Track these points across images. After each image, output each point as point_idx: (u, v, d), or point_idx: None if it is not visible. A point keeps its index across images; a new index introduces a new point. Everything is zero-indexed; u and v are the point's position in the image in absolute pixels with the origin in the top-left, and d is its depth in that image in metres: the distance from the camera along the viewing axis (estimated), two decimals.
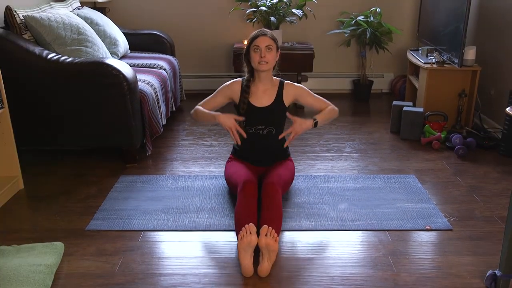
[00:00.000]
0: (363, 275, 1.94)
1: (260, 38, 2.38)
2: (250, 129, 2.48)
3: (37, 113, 2.85)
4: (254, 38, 2.40)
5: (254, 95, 2.47)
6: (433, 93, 3.56)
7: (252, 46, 2.39)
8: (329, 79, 4.66)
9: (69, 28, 3.09)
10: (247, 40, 2.45)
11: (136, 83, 2.90)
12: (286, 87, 2.51)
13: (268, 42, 2.38)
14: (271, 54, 2.39)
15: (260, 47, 2.36)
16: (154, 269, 1.98)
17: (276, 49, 2.42)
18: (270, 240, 1.93)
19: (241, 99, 2.46)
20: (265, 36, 2.38)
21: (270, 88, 2.49)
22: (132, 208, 2.46)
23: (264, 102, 2.47)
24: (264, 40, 2.37)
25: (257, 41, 2.37)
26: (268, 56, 2.37)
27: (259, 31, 2.42)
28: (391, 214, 2.39)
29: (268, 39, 2.38)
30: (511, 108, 1.63)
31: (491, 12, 3.62)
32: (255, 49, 2.38)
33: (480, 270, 1.97)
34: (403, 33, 4.49)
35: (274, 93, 2.49)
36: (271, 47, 2.38)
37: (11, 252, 2.03)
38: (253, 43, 2.39)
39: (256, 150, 2.52)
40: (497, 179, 2.80)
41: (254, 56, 2.39)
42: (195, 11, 4.47)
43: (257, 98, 2.47)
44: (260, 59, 2.36)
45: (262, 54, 2.36)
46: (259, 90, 2.48)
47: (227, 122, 2.39)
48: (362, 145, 3.34)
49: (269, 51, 2.38)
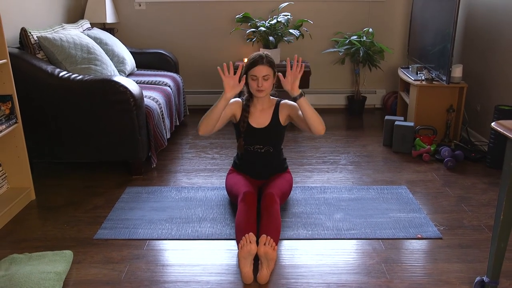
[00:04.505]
0: (358, 282, 1.93)
1: (258, 68, 2.32)
2: (249, 148, 2.48)
3: (48, 127, 2.86)
4: (251, 65, 2.33)
5: (252, 115, 2.46)
6: (423, 109, 3.58)
7: (250, 75, 2.35)
8: (325, 95, 4.69)
9: (79, 48, 3.11)
10: (246, 64, 2.39)
11: (142, 99, 2.91)
12: (281, 106, 2.47)
13: (265, 72, 2.33)
14: (268, 83, 2.36)
15: (258, 76, 2.33)
16: (159, 277, 1.97)
17: (273, 75, 2.38)
18: (268, 249, 1.92)
19: (242, 118, 2.45)
20: (263, 65, 2.32)
21: (267, 108, 2.47)
22: (138, 218, 2.46)
23: (261, 123, 2.45)
24: (261, 71, 2.32)
25: (255, 70, 2.32)
26: (265, 84, 2.34)
27: (257, 57, 2.35)
28: (384, 224, 2.39)
29: (265, 68, 2.33)
30: (496, 123, 1.64)
31: (476, 32, 3.66)
32: (253, 77, 2.34)
33: (469, 276, 1.96)
34: (394, 52, 4.53)
35: (270, 113, 2.46)
36: (268, 76, 2.34)
37: (23, 259, 2.03)
38: (251, 72, 2.34)
39: (256, 166, 2.52)
40: (484, 189, 2.81)
41: (251, 83, 2.36)
42: (198, 31, 4.51)
43: (255, 119, 2.46)
44: (258, 87, 2.34)
45: (259, 83, 2.32)
46: (257, 110, 2.46)
47: (231, 84, 2.29)
48: (356, 157, 3.34)
49: (266, 80, 2.34)
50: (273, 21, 4.11)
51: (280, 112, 2.46)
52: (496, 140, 3.06)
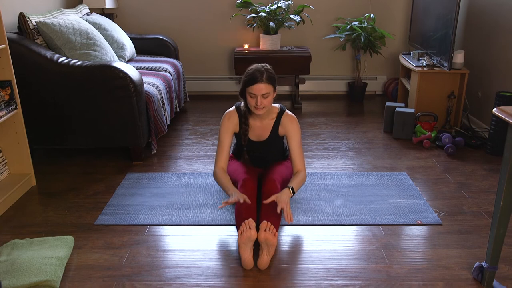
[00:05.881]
0: (358, 267, 1.94)
1: (256, 87, 2.15)
2: (248, 153, 2.44)
3: (48, 113, 2.85)
4: (250, 83, 2.16)
5: (252, 128, 2.35)
6: (424, 95, 3.56)
7: (248, 92, 2.19)
8: (325, 81, 4.66)
9: (78, 33, 3.08)
10: (243, 78, 2.20)
11: (142, 85, 2.90)
12: (282, 120, 2.33)
13: (264, 91, 2.16)
14: (268, 100, 2.20)
15: (256, 95, 2.17)
16: (159, 262, 1.98)
17: (273, 91, 2.22)
18: (269, 235, 1.93)
19: (242, 131, 2.35)
20: (262, 83, 2.15)
21: (267, 119, 2.34)
22: (138, 203, 2.47)
23: (260, 136, 2.37)
24: (261, 89, 2.15)
25: (253, 89, 2.15)
26: (264, 102, 2.19)
27: (256, 73, 2.15)
28: (384, 210, 2.39)
29: (265, 87, 2.15)
30: (497, 109, 1.63)
31: (478, 18, 3.62)
32: (251, 95, 2.19)
33: (468, 262, 1.97)
34: (395, 37, 4.49)
35: (270, 126, 2.34)
36: (268, 94, 2.18)
37: (25, 245, 2.04)
38: (249, 90, 2.17)
39: (256, 159, 2.49)
40: (484, 176, 2.81)
41: (250, 100, 2.20)
42: (198, 17, 4.47)
43: (254, 131, 2.36)
44: (256, 106, 2.19)
45: (258, 102, 2.17)
46: (256, 122, 2.34)
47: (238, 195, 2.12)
48: (356, 144, 3.34)
49: (266, 98, 2.19)
50: (273, 6, 4.07)
51: (280, 126, 2.34)
52: (497, 127, 3.05)
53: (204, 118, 3.93)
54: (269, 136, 2.37)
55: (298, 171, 2.31)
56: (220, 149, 2.34)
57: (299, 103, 4.23)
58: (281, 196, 2.11)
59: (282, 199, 2.09)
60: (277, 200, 2.09)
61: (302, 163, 2.32)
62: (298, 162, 2.32)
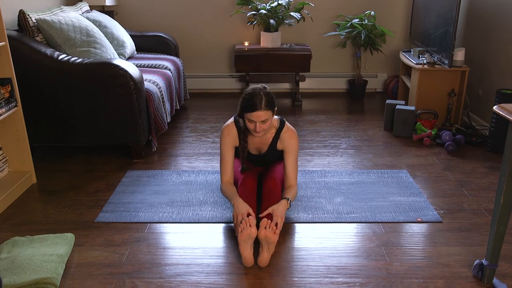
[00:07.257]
0: (358, 265, 1.94)
1: (255, 114, 2.09)
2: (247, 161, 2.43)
3: (48, 111, 2.84)
4: (248, 110, 2.10)
5: (250, 143, 2.33)
6: (424, 93, 3.56)
7: (246, 117, 2.14)
8: (326, 79, 4.66)
9: (78, 31, 3.08)
10: (241, 102, 2.14)
11: (142, 83, 2.89)
12: (282, 136, 2.29)
13: (263, 118, 2.10)
14: (267, 124, 2.15)
15: (255, 121, 2.12)
16: (160, 259, 1.98)
17: (272, 114, 2.16)
18: (269, 233, 1.93)
19: (241, 148, 2.31)
20: (260, 111, 2.08)
21: (267, 134, 2.29)
22: (139, 201, 2.47)
23: (259, 149, 2.36)
24: (259, 116, 2.09)
25: (252, 116, 2.10)
26: (263, 126, 2.14)
27: (255, 100, 2.08)
28: (384, 207, 2.39)
29: (263, 113, 2.09)
30: (497, 107, 1.63)
31: (479, 16, 3.61)
32: (250, 121, 2.13)
33: (468, 259, 1.97)
34: (396, 35, 4.49)
35: (269, 141, 2.31)
36: (267, 120, 2.13)
37: (25, 242, 2.04)
38: (247, 116, 2.12)
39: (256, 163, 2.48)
40: (484, 174, 2.81)
41: (248, 124, 2.16)
42: (198, 14, 4.46)
43: (253, 144, 2.34)
44: (255, 130, 2.15)
45: (257, 128, 2.13)
46: (255, 138, 2.30)
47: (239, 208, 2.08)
48: (357, 141, 3.34)
49: (265, 123, 2.14)
50: (274, 3, 4.06)
51: (279, 141, 2.31)
52: (497, 125, 3.05)
53: (204, 115, 3.93)
54: (268, 150, 2.35)
55: (291, 186, 2.28)
56: (224, 165, 2.30)
57: (300, 100, 4.23)
58: (278, 208, 2.09)
59: (278, 212, 2.06)
60: (273, 213, 2.07)
61: (295, 179, 2.30)
62: (291, 177, 2.29)
